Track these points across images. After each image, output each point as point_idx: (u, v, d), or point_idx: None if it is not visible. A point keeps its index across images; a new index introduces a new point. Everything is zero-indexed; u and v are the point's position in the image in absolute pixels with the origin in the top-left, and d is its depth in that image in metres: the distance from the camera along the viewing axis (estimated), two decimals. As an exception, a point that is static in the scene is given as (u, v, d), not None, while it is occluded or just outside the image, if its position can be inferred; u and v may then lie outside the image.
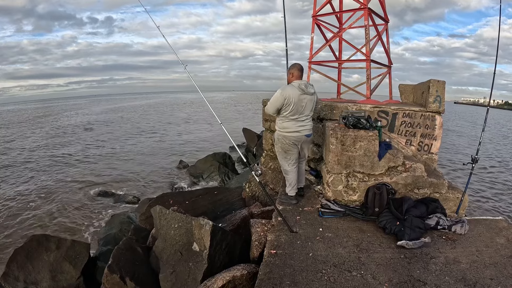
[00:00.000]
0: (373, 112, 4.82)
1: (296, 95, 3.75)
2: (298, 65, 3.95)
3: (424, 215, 3.46)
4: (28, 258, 4.65)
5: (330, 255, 2.85)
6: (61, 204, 8.96)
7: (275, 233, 3.29)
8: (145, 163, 13.97)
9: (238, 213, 5.14)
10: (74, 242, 5.06)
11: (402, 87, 5.70)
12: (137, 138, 21.96)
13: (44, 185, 11.08)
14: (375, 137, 3.89)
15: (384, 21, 6.24)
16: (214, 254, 3.71)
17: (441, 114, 4.61)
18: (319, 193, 4.44)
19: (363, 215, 3.70)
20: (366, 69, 5.64)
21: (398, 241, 3.06)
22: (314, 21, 6.20)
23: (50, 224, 7.60)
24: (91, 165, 13.99)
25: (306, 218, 3.68)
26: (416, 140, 4.76)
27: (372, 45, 5.89)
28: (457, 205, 3.89)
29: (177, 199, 6.55)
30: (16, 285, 4.44)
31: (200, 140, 19.17)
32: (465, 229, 3.36)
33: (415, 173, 3.96)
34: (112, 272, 3.77)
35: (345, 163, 3.97)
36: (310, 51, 6.41)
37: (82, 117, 40.87)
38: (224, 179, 10.53)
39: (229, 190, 7.15)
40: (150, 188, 10.44)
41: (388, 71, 6.38)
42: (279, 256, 2.83)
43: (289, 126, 3.87)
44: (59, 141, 21.31)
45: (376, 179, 3.96)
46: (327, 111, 5.12)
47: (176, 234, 4.08)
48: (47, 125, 32.90)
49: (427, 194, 3.93)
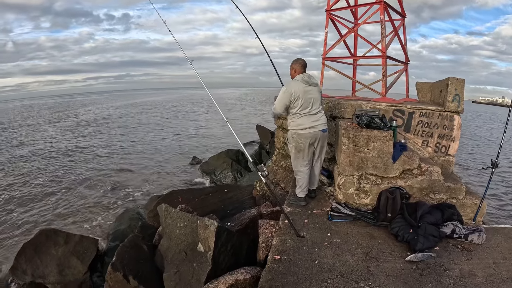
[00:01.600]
0: (388, 111, 4.62)
1: (301, 88, 3.63)
2: (301, 60, 3.80)
3: (440, 222, 3.26)
4: (36, 252, 4.69)
5: (337, 263, 2.70)
6: (72, 198, 9.06)
7: (281, 237, 3.16)
8: (160, 159, 14.00)
9: (247, 212, 5.04)
10: (82, 237, 5.09)
11: (419, 85, 5.46)
12: (153, 133, 22.13)
13: (56, 178, 11.25)
14: (390, 138, 3.69)
15: (401, 16, 5.98)
16: (218, 255, 3.63)
17: (459, 114, 4.37)
18: (330, 195, 4.28)
19: (375, 220, 3.52)
20: (381, 66, 5.42)
21: (409, 252, 2.88)
22: (328, 15, 6.00)
23: (60, 217, 7.68)
24: (105, 159, 14.14)
25: (314, 222, 3.53)
26: (433, 141, 4.54)
27: (388, 41, 5.66)
28: (475, 212, 3.66)
29: (186, 196, 6.51)
30: (24, 278, 4.49)
31: (215, 136, 19.10)
32: (482, 238, 3.15)
33: (431, 176, 3.74)
34: (115, 270, 3.73)
35: (357, 164, 3.79)
36: (324, 47, 6.22)
37: (101, 111, 41.55)
38: (236, 176, 10.43)
39: (239, 188, 7.06)
40: (161, 184, 10.44)
41: (405, 68, 6.12)
42: (283, 263, 2.70)
43: (303, 122, 3.71)
44: (74, 134, 21.72)
45: (390, 182, 3.77)
46: (340, 109, 4.94)
47: (181, 234, 4.01)
48: (66, 119, 33.67)
49: (443, 199, 3.71)
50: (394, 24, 5.83)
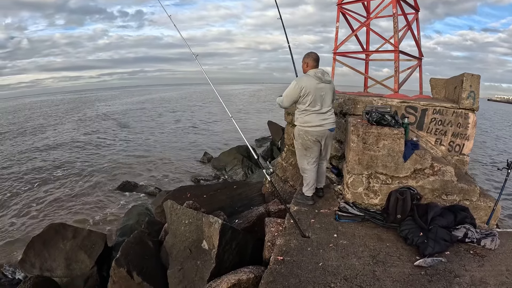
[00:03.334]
0: (401, 107, 4.48)
1: (313, 84, 3.49)
2: (313, 54, 3.66)
3: (452, 225, 3.11)
4: (45, 246, 4.74)
5: (342, 266, 2.60)
6: (82, 191, 9.18)
7: (285, 237, 3.08)
8: (172, 154, 14.05)
9: (255, 209, 4.98)
10: (90, 231, 5.12)
11: (433, 81, 5.27)
12: (168, 127, 22.32)
13: (68, 171, 11.43)
14: (401, 136, 3.55)
15: (415, 10, 5.77)
16: (223, 254, 3.58)
17: (475, 111, 4.19)
18: (339, 194, 4.17)
19: (384, 222, 3.40)
20: (394, 61, 5.24)
21: (418, 256, 2.76)
22: (339, 9, 5.84)
23: (70, 211, 7.78)
24: (117, 153, 14.29)
25: (321, 222, 3.44)
26: (446, 140, 4.38)
27: (401, 36, 5.46)
28: (488, 215, 3.51)
29: (195, 192, 6.50)
30: (32, 271, 4.55)
31: (228, 132, 19.06)
32: (495, 243, 2.99)
33: (444, 177, 3.59)
34: (119, 266, 3.74)
35: (367, 163, 3.67)
36: (335, 42, 6.06)
37: (117, 107, 42.02)
38: (247, 172, 10.39)
39: (249, 185, 7.00)
40: (171, 180, 10.48)
41: (419, 64, 5.92)
42: (286, 264, 2.62)
43: (311, 120, 3.60)
44: (91, 128, 22.07)
45: (400, 182, 3.64)
46: (350, 105, 4.81)
47: (186, 231, 3.98)
48: (80, 114, 34.26)
49: (456, 201, 3.56)
50: (407, 18, 5.62)
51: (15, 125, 25.70)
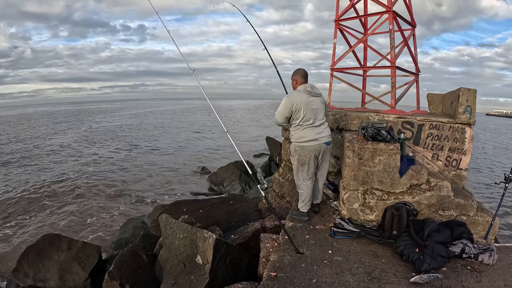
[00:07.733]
0: (397, 122, 4.48)
1: (303, 99, 3.54)
2: (301, 70, 3.72)
3: (448, 241, 3.08)
4: (39, 256, 4.70)
5: (336, 283, 2.56)
6: (78, 203, 9.10)
7: (279, 253, 3.04)
8: (170, 168, 14.02)
9: (251, 225, 4.96)
10: (85, 243, 5.08)
11: (430, 96, 5.30)
12: (166, 140, 22.35)
13: (64, 182, 11.35)
14: (396, 151, 3.55)
15: (411, 26, 5.85)
16: (217, 269, 3.54)
17: (471, 126, 4.20)
18: (335, 210, 4.14)
19: (379, 238, 3.36)
20: (391, 77, 5.28)
21: (414, 273, 2.72)
22: (336, 26, 5.92)
23: (65, 223, 7.70)
24: (114, 166, 14.25)
25: (316, 238, 3.40)
26: (443, 155, 4.37)
27: (398, 52, 5.52)
28: (486, 229, 3.46)
29: (191, 207, 6.46)
30: (25, 281, 4.51)
31: (227, 146, 19.03)
32: (493, 258, 2.95)
33: (441, 192, 3.57)
34: (112, 279, 3.71)
35: (362, 179, 3.65)
36: (333, 58, 6.13)
37: (117, 120, 42.21)
38: (244, 188, 10.31)
39: (245, 200, 6.97)
40: (168, 193, 10.41)
41: (415, 79, 5.96)
42: (279, 280, 2.58)
43: (306, 135, 3.60)
44: (88, 141, 22.07)
45: (397, 198, 3.61)
46: (346, 121, 4.82)
47: (180, 245, 3.95)
48: (83, 125, 34.40)
49: (453, 216, 3.52)
50: (403, 34, 5.70)
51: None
